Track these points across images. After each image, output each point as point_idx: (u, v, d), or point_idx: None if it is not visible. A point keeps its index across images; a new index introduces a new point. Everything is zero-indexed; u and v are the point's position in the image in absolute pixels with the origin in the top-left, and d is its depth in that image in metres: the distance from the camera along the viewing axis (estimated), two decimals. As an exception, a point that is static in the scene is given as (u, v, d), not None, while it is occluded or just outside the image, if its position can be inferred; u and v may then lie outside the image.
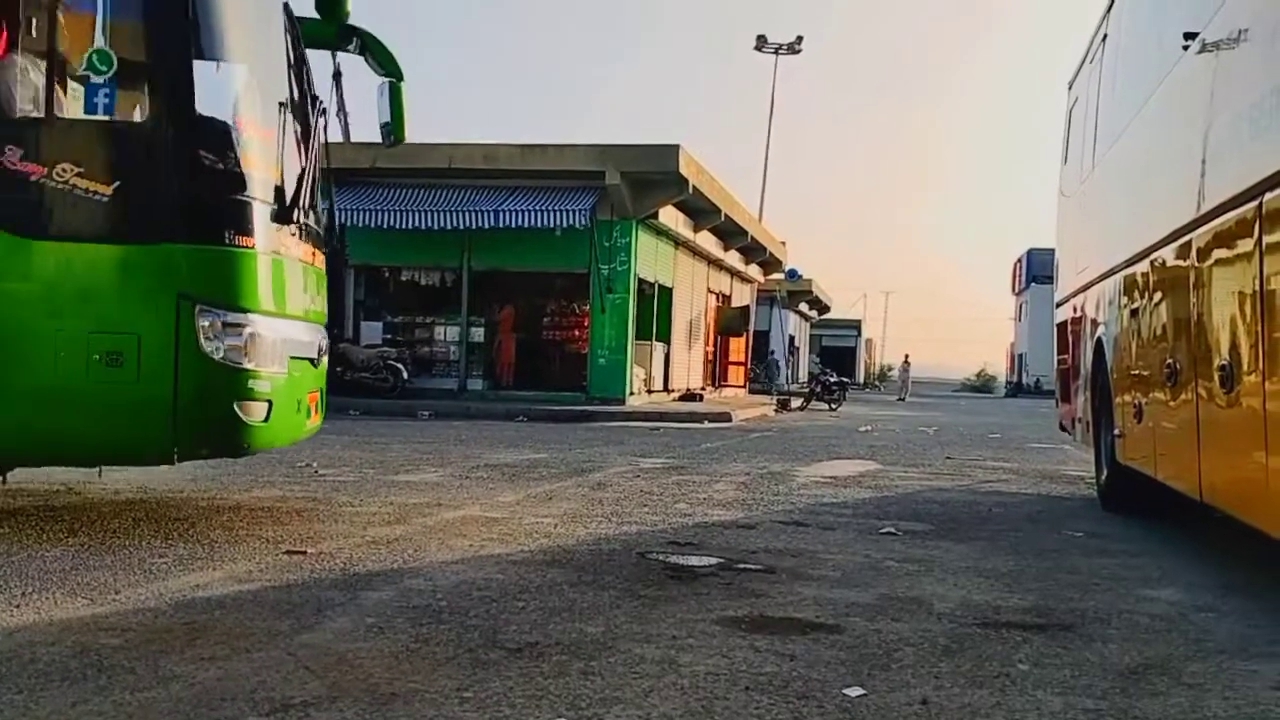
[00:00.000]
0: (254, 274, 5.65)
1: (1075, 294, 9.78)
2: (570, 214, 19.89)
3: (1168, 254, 6.09)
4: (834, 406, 28.72)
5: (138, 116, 5.74)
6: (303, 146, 6.37)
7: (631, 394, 21.60)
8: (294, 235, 6.11)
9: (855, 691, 3.40)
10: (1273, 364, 4.26)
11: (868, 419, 23.78)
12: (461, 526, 6.38)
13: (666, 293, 24.93)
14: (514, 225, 19.99)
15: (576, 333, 22.36)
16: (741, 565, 5.46)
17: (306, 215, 6.28)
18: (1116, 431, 7.80)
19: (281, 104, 6.02)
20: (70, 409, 5.42)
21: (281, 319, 5.94)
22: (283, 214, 5.94)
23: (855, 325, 76.88)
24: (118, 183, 5.38)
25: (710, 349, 30.68)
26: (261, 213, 5.71)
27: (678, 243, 24.97)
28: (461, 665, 3.55)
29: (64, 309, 5.42)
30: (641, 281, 22.55)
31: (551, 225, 19.97)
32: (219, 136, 5.55)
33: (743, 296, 34.42)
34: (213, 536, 5.78)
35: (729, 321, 31.68)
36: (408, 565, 5.19)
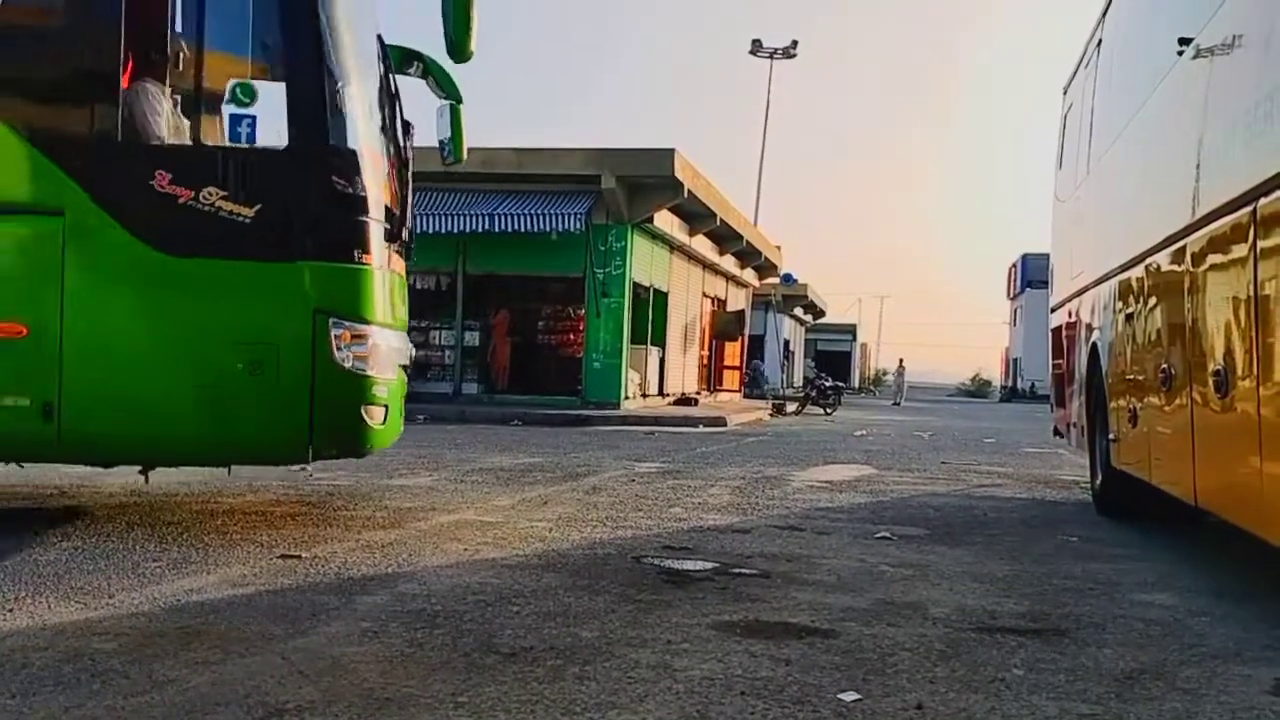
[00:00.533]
0: (374, 289, 6.07)
1: (1070, 299, 9.80)
2: (566, 218, 19.90)
3: (1162, 259, 6.10)
4: (829, 411, 28.72)
5: (276, 144, 6.10)
6: (400, 167, 6.84)
7: (626, 398, 21.59)
8: (391, 249, 6.52)
9: (850, 696, 3.39)
10: (1267, 369, 4.27)
11: (863, 423, 23.80)
12: (456, 531, 6.38)
13: (662, 297, 24.93)
14: (509, 229, 19.97)
15: (572, 337, 22.34)
16: (737, 570, 5.46)
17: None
18: (1111, 436, 7.81)
19: (384, 128, 6.55)
20: (214, 413, 5.86)
21: (389, 329, 6.38)
22: (393, 232, 6.43)
23: (850, 330, 76.87)
24: (259, 205, 5.79)
25: (705, 353, 30.69)
26: (377, 232, 6.12)
27: (673, 247, 24.98)
28: (456, 670, 3.54)
29: (209, 321, 5.82)
30: (637, 286, 22.55)
31: (547, 229, 19.97)
32: (347, 163, 5.92)
33: (738, 301, 34.43)
34: (207, 540, 5.77)
35: (724, 326, 31.70)
36: (402, 569, 5.18)
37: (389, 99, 6.81)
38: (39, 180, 5.68)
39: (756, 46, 42.73)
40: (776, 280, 38.88)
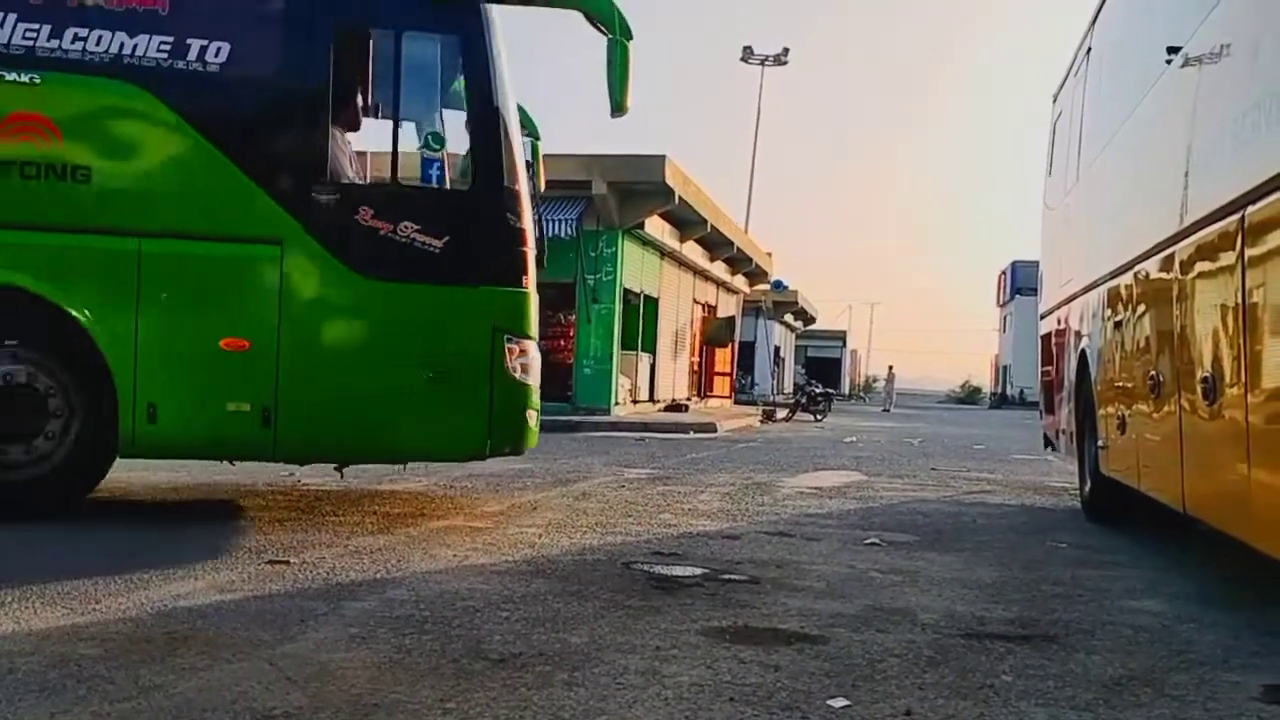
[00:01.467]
0: (532, 310, 7.02)
1: (1059, 306, 9.82)
2: (556, 224, 19.87)
3: (1151, 267, 6.12)
4: (819, 417, 28.76)
5: (462, 186, 7.11)
6: (533, 195, 7.60)
7: (617, 404, 21.59)
8: None
9: (839, 703, 3.39)
10: (1255, 376, 4.28)
11: (853, 430, 23.83)
12: (445, 536, 6.36)
13: (652, 303, 24.95)
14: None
15: (562, 343, 22.32)
16: (726, 576, 5.45)
17: None
18: (1100, 443, 7.83)
19: (528, 163, 7.43)
20: (407, 417, 6.76)
21: (534, 343, 7.16)
22: (540, 258, 7.36)
23: (840, 336, 77.06)
24: (446, 238, 6.65)
25: (696, 359, 30.70)
26: (531, 259, 6.99)
27: (664, 253, 25.00)
28: (444, 676, 3.53)
29: (404, 337, 6.70)
30: (627, 291, 22.56)
31: (538, 235, 19.97)
32: (515, 202, 6.82)
33: (728, 307, 34.47)
34: (195, 545, 5.74)
35: (715, 332, 31.73)
36: (391, 575, 5.17)
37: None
38: (261, 215, 6.46)
39: (748, 53, 42.83)
40: (767, 287, 38.95)
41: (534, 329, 7.06)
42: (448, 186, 7.15)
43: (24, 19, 6.27)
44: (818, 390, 31.03)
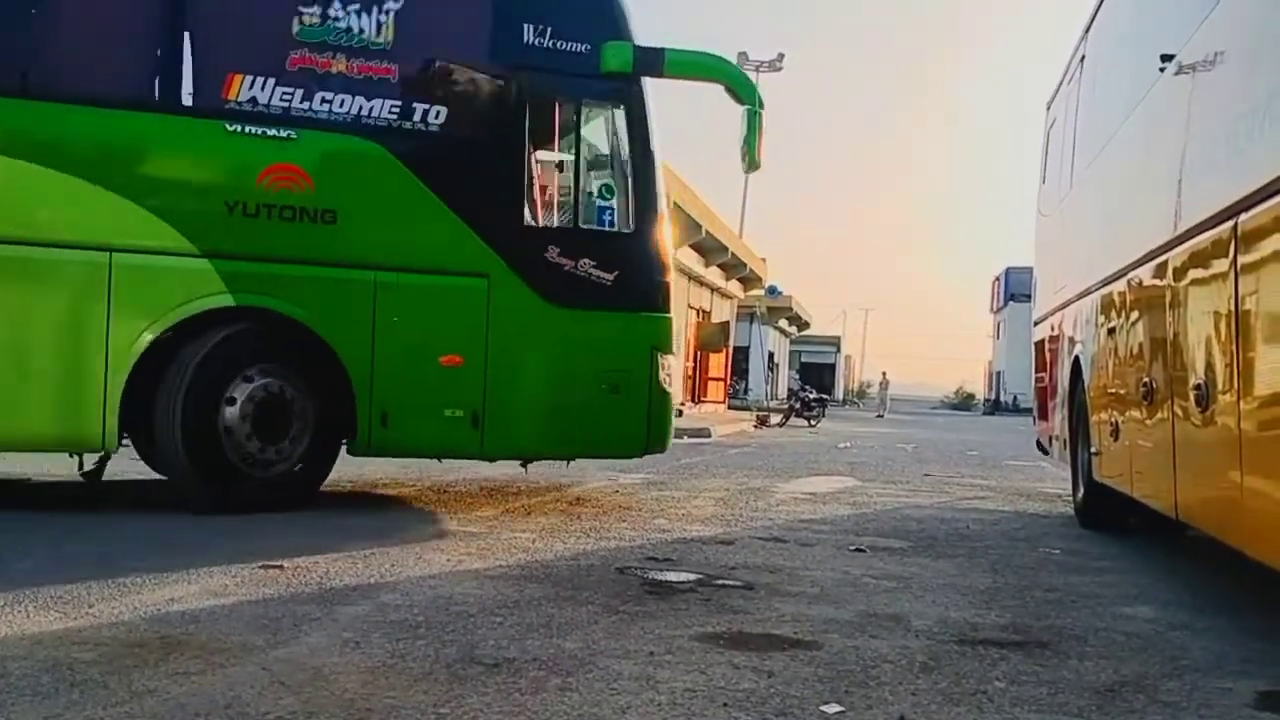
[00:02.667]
0: (672, 331, 8.38)
1: (1053, 312, 9.84)
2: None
3: (1144, 273, 6.14)
4: (813, 423, 28.77)
5: (628, 229, 8.25)
6: None
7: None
8: None
9: (833, 709, 3.40)
10: (1247, 384, 4.30)
11: (847, 435, 23.84)
12: (439, 541, 6.36)
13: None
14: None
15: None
16: (720, 581, 5.46)
17: None
18: (1093, 449, 7.84)
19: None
20: (588, 421, 8.04)
21: (674, 358, 8.55)
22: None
23: (834, 341, 77.09)
24: (617, 272, 8.00)
25: (690, 365, 30.69)
26: (672, 288, 8.47)
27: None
28: (438, 681, 3.53)
29: (585, 355, 8.01)
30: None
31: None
32: (664, 242, 8.35)
33: (723, 312, 34.46)
34: (188, 549, 5.73)
35: (709, 337, 31.71)
36: (385, 580, 5.16)
37: None
38: (472, 253, 7.68)
39: (742, 59, 42.83)
40: (761, 292, 38.95)
41: (674, 347, 8.56)
42: (616, 230, 8.31)
43: (281, 83, 7.25)
44: (812, 396, 31.04)
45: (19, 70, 6.94)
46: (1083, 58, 9.12)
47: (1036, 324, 11.09)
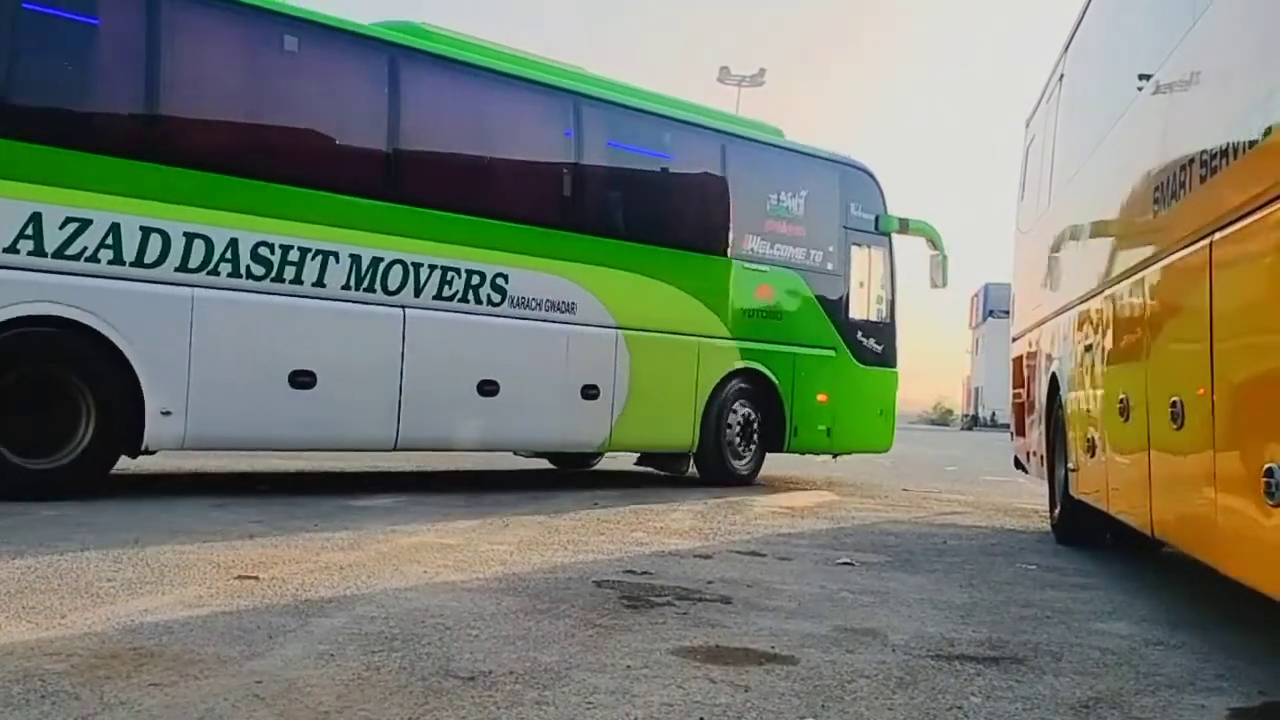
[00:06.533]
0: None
1: (1031, 329, 9.90)
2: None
3: (1121, 291, 6.18)
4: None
5: (887, 319, 14.02)
6: None
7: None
8: None
9: (809, 723, 3.39)
10: (1222, 401, 4.33)
11: (825, 450, 23.83)
12: (416, 553, 6.33)
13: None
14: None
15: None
16: (698, 595, 5.45)
17: None
18: (1070, 466, 7.89)
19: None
20: (872, 431, 13.95)
21: None
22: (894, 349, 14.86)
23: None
24: (882, 346, 13.87)
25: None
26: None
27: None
28: (413, 694, 3.51)
29: (873, 394, 13.78)
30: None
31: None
32: (895, 325, 14.14)
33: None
34: (163, 560, 5.69)
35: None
36: (361, 591, 5.14)
37: None
38: (829, 336, 13.35)
39: (724, 74, 42.94)
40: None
41: None
42: (882, 320, 13.95)
43: (762, 238, 12.71)
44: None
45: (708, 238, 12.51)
46: (1061, 76, 9.20)
47: (1014, 340, 11.15)
